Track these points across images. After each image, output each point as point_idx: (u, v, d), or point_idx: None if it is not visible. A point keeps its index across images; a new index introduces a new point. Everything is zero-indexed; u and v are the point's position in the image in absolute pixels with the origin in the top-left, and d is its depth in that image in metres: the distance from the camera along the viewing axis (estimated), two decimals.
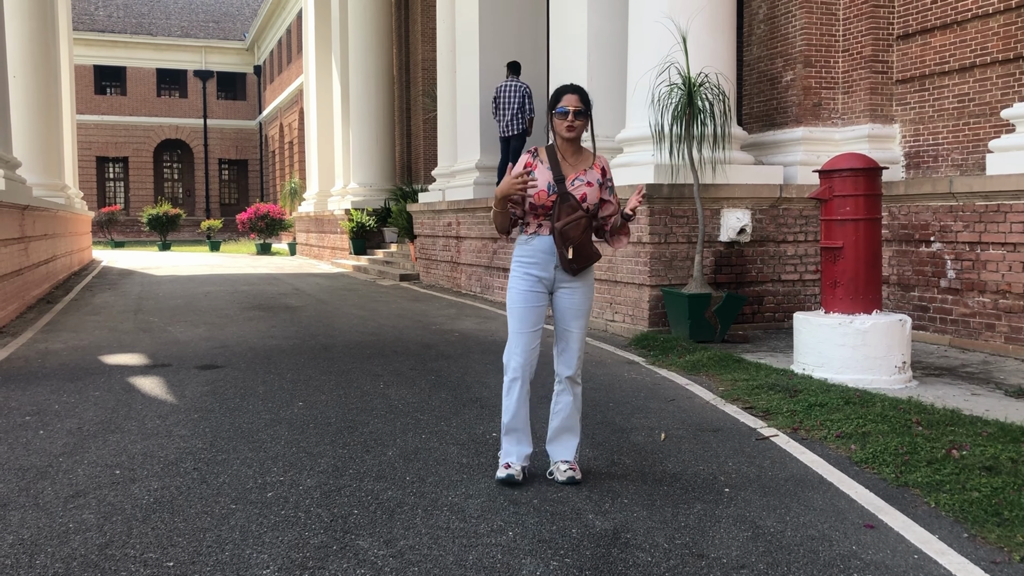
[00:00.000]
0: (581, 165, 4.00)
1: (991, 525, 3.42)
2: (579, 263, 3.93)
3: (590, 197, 3.94)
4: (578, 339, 4.04)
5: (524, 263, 4.00)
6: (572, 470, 4.02)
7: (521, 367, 3.99)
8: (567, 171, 3.96)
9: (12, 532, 3.44)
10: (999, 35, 7.95)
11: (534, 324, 3.99)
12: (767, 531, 3.45)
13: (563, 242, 3.89)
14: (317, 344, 8.39)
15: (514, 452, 4.06)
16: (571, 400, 4.08)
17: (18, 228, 11.31)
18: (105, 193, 46.84)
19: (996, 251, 7.42)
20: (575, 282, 4.00)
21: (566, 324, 4.03)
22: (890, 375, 6.06)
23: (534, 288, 3.98)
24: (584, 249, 3.92)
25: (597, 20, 10.15)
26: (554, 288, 4.02)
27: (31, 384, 6.46)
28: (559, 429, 4.10)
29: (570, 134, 3.94)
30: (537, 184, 3.91)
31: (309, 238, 27.42)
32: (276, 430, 5.03)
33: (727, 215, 8.65)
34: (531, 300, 3.99)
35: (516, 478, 3.97)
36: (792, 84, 9.46)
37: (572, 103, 3.92)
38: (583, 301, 4.03)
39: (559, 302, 4.03)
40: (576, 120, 3.92)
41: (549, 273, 3.98)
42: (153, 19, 47.32)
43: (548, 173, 3.94)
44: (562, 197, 3.89)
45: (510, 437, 4.07)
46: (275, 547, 3.28)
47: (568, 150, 4.01)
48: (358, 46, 21.87)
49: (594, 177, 3.99)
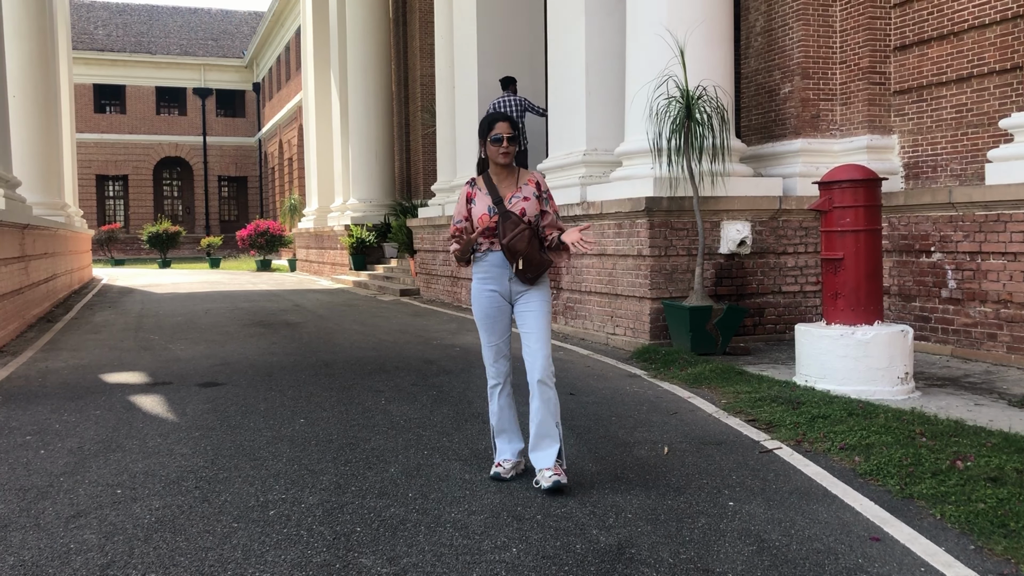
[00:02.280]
0: (515, 184, 4.31)
1: (998, 536, 3.40)
2: (532, 272, 4.20)
3: (529, 210, 4.24)
4: (539, 340, 4.20)
5: (481, 279, 4.31)
6: (556, 474, 4.09)
7: (498, 373, 4.34)
8: (504, 191, 4.28)
9: (13, 553, 3.42)
10: (996, 45, 7.97)
11: (501, 333, 4.31)
12: (772, 545, 3.43)
13: (512, 255, 4.18)
14: (318, 360, 8.38)
15: (507, 449, 4.36)
16: (542, 405, 4.18)
17: (18, 247, 11.31)
18: (105, 211, 46.91)
19: (997, 261, 7.41)
20: (530, 290, 4.27)
21: (527, 328, 4.25)
22: (893, 386, 6.04)
23: (494, 302, 4.29)
24: (532, 258, 4.19)
25: (595, 34, 10.18)
26: (512, 299, 4.30)
27: (31, 403, 6.45)
28: (536, 436, 4.21)
29: (505, 160, 4.25)
30: (474, 219, 4.26)
31: (309, 254, 27.43)
32: (278, 447, 5.01)
33: (727, 227, 8.65)
34: (493, 312, 4.29)
35: (504, 476, 4.28)
36: (790, 96, 9.48)
37: (505, 130, 4.21)
38: (539, 304, 4.25)
39: (518, 309, 4.29)
40: (510, 146, 4.23)
41: (505, 285, 4.28)
42: (152, 37, 47.52)
43: (487, 198, 4.27)
44: (503, 216, 4.19)
45: (501, 438, 4.38)
46: (278, 566, 3.26)
47: (503, 173, 4.31)
48: (357, 62, 21.95)
49: (530, 192, 4.29)
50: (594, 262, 9.50)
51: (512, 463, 4.33)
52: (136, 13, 49.35)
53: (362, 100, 21.97)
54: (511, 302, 4.32)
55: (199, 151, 47.60)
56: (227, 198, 49.50)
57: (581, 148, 10.28)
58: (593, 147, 10.24)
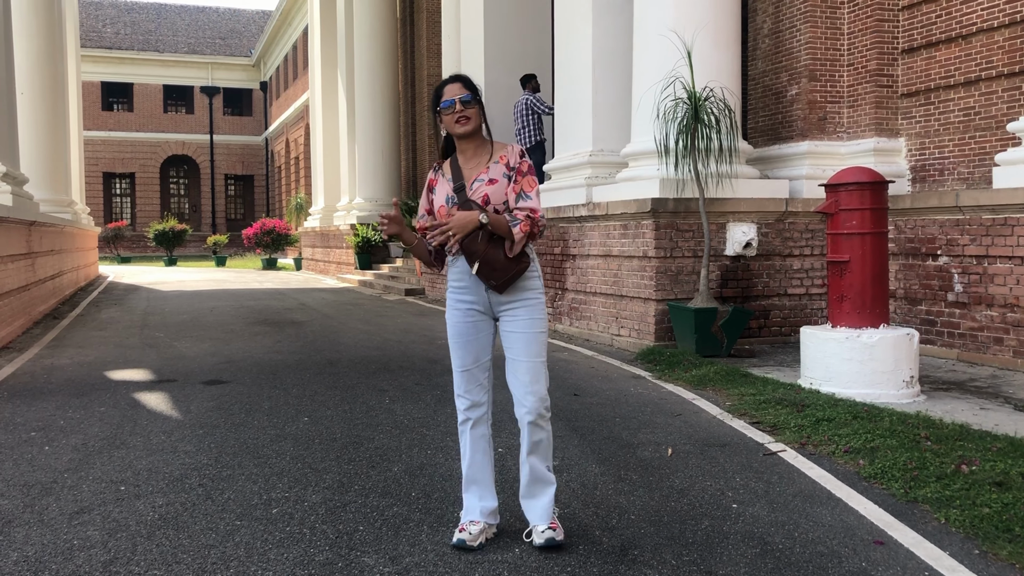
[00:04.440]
0: (482, 164, 3.41)
1: (1002, 541, 3.39)
2: (496, 278, 3.31)
3: (494, 197, 3.33)
4: (528, 370, 3.37)
5: (455, 289, 3.47)
6: (551, 529, 3.38)
7: (469, 406, 3.45)
8: (468, 174, 3.40)
9: (16, 549, 3.43)
10: (1004, 48, 7.95)
11: (476, 359, 3.44)
12: (776, 548, 3.42)
13: (468, 257, 3.32)
14: (323, 359, 8.39)
15: (476, 508, 3.47)
16: (532, 449, 3.41)
17: (25, 244, 11.34)
18: (112, 209, 47.05)
19: (1003, 264, 7.39)
20: (514, 303, 3.39)
21: (513, 354, 3.40)
22: (898, 389, 6.02)
23: (468, 318, 3.43)
24: (495, 261, 3.28)
25: (602, 35, 10.17)
26: (495, 313, 3.44)
27: (37, 400, 6.46)
28: (528, 483, 3.47)
29: (462, 127, 3.34)
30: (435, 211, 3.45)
31: (315, 253, 27.46)
32: (281, 446, 5.02)
33: (733, 229, 8.64)
34: (467, 332, 3.43)
35: (470, 543, 3.37)
36: (797, 98, 9.46)
37: (455, 92, 3.34)
38: (528, 324, 3.39)
39: (502, 328, 3.44)
40: (466, 108, 3.33)
41: (482, 296, 3.41)
42: (160, 36, 47.65)
43: (448, 185, 3.41)
44: (463, 207, 3.32)
45: (470, 491, 3.50)
46: (280, 564, 3.26)
47: (469, 150, 3.42)
48: (364, 62, 21.98)
49: (498, 172, 3.37)
50: (599, 263, 9.49)
51: (480, 527, 3.43)
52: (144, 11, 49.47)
53: (369, 99, 21.99)
54: (494, 317, 3.46)
55: (206, 149, 47.70)
56: (233, 196, 49.61)
57: (587, 149, 10.27)
58: (599, 148, 10.24)
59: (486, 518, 3.47)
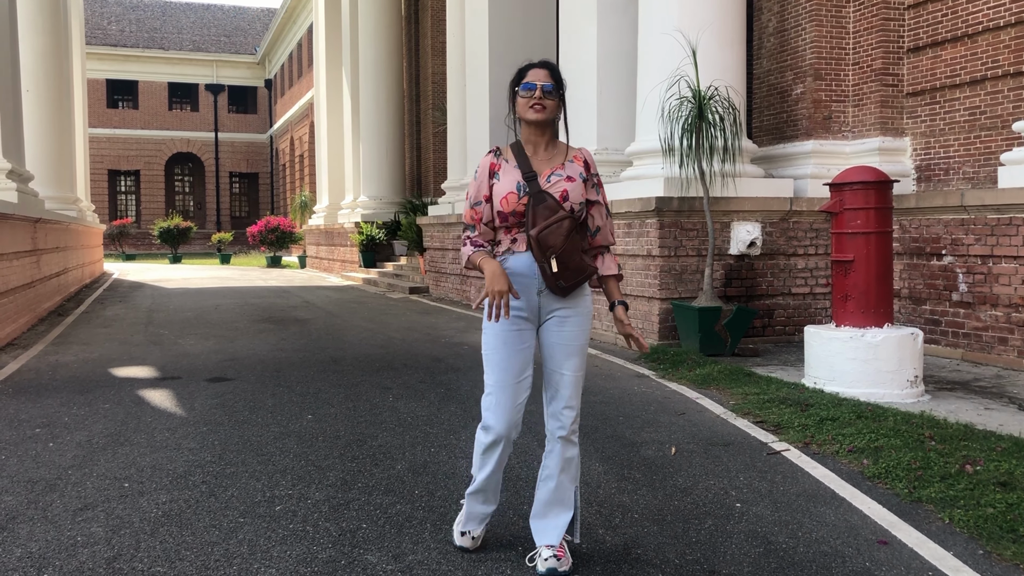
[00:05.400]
0: (557, 159, 3.19)
1: (1007, 542, 3.38)
2: (567, 279, 3.08)
3: (572, 195, 3.11)
4: (571, 383, 3.14)
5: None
6: (556, 557, 3.11)
7: (505, 428, 3.12)
8: (539, 166, 3.16)
9: (20, 545, 3.44)
10: (1010, 48, 7.92)
11: (519, 373, 3.12)
12: (779, 547, 3.41)
13: (542, 252, 3.05)
14: (327, 357, 8.39)
15: (478, 516, 3.34)
16: (560, 465, 3.17)
17: (30, 241, 11.37)
18: (117, 206, 47.15)
19: (1008, 264, 7.37)
20: (567, 309, 3.15)
21: (555, 364, 3.16)
22: (902, 389, 6.01)
23: (514, 325, 3.12)
24: (571, 259, 3.07)
25: (607, 34, 10.17)
26: (541, 319, 3.18)
27: (41, 396, 6.48)
28: (546, 503, 3.21)
29: (537, 114, 3.12)
30: (496, 199, 3.15)
31: (319, 251, 27.49)
32: (285, 443, 5.02)
33: (737, 228, 8.63)
34: (513, 342, 3.12)
35: (471, 548, 3.35)
36: (802, 97, 9.44)
37: (541, 77, 3.13)
38: (577, 334, 3.16)
39: (547, 336, 3.18)
40: (546, 98, 3.12)
41: (532, 301, 3.14)
42: (165, 33, 47.71)
43: (516, 172, 3.14)
44: (536, 198, 3.08)
45: (475, 497, 3.30)
46: (283, 561, 3.27)
47: (539, 140, 3.19)
48: (368, 60, 21.98)
49: (575, 171, 3.17)
50: None
51: (479, 531, 3.36)
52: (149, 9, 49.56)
53: (373, 97, 22.00)
54: (538, 325, 3.20)
55: (211, 147, 47.77)
56: (238, 194, 49.67)
57: (592, 147, 10.27)
58: (604, 147, 10.23)
59: (485, 523, 3.38)
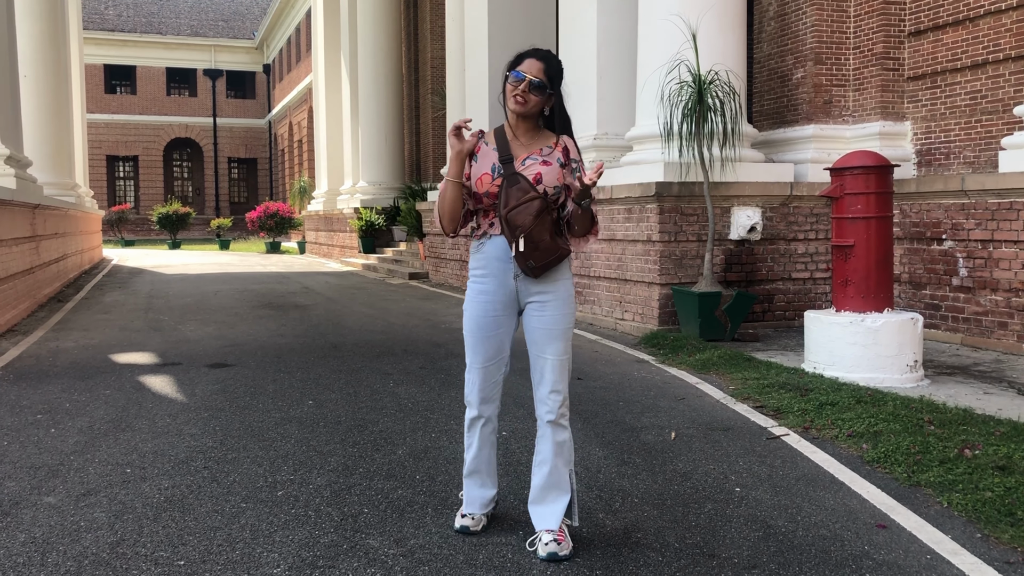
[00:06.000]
0: (536, 145, 3.24)
1: (1004, 525, 3.40)
2: (536, 259, 3.10)
3: (546, 178, 3.14)
4: (555, 368, 3.19)
5: (477, 278, 3.29)
6: (556, 541, 3.15)
7: (482, 403, 3.30)
8: (518, 151, 3.21)
9: (24, 530, 3.45)
10: (1012, 31, 7.89)
11: (494, 355, 3.26)
12: (778, 531, 3.43)
13: (511, 232, 3.08)
14: (327, 343, 8.40)
15: (477, 499, 3.42)
16: (553, 449, 3.22)
17: (29, 227, 11.36)
18: (115, 192, 47.05)
19: (1009, 249, 7.37)
20: (545, 293, 3.20)
21: (539, 349, 3.22)
22: (902, 374, 6.03)
23: (491, 311, 3.23)
24: (541, 240, 3.08)
25: (607, 18, 10.12)
26: (521, 305, 3.25)
27: (42, 382, 6.49)
28: (543, 487, 3.26)
29: (517, 107, 3.16)
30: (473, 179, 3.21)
31: (318, 237, 27.47)
32: (286, 429, 5.04)
33: (737, 213, 8.62)
34: (488, 327, 3.24)
35: (472, 528, 3.37)
36: (803, 81, 9.42)
37: (531, 70, 3.16)
38: (559, 318, 3.20)
39: (528, 321, 3.24)
40: (531, 92, 3.15)
41: (509, 285, 3.21)
42: (163, 18, 47.48)
43: (493, 155, 3.20)
44: (509, 179, 3.12)
45: (472, 479, 3.41)
46: (285, 546, 3.28)
47: (521, 128, 3.24)
48: (367, 44, 21.89)
49: (553, 156, 3.20)
50: (603, 247, 9.48)
51: (479, 516, 3.42)
52: None
53: (372, 82, 21.92)
54: (519, 308, 3.27)
55: (209, 132, 47.64)
56: (237, 180, 49.57)
57: (592, 132, 10.24)
58: (604, 131, 10.21)
59: (485, 507, 3.44)
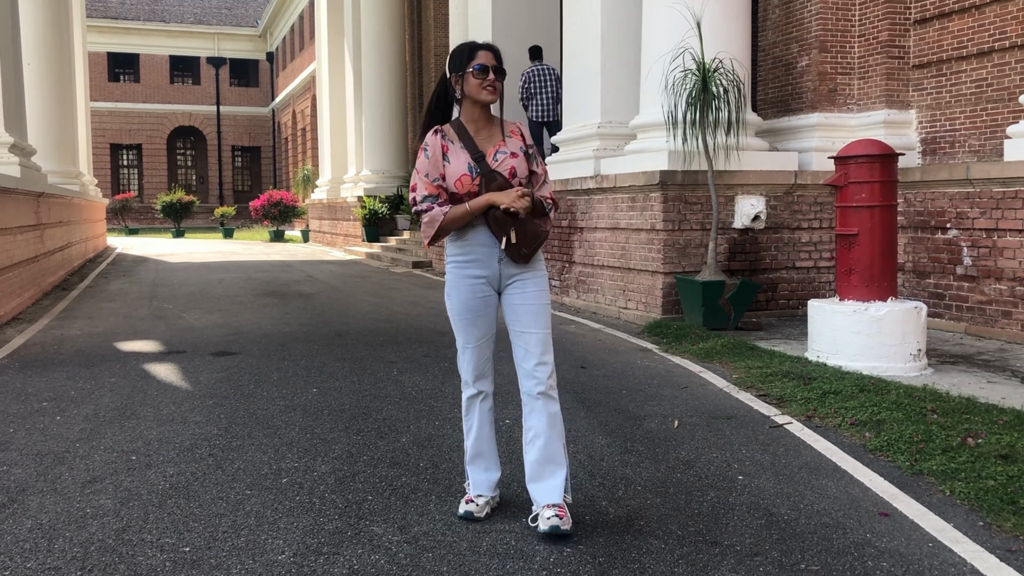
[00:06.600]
0: (496, 136, 3.39)
1: (1007, 513, 3.40)
2: (527, 246, 3.30)
3: (519, 170, 3.35)
4: (541, 341, 3.33)
5: (460, 264, 3.37)
6: (558, 516, 3.21)
7: (477, 379, 3.43)
8: (483, 145, 3.36)
9: (31, 517, 3.48)
10: (1018, 19, 7.85)
11: (484, 334, 3.40)
12: (781, 519, 3.44)
13: (499, 228, 3.27)
14: (331, 331, 8.42)
15: (484, 482, 3.49)
16: (547, 424, 3.32)
17: (33, 215, 11.37)
18: (119, 180, 47.04)
19: (1013, 238, 7.35)
20: (525, 272, 3.37)
21: (523, 326, 3.35)
22: (905, 362, 6.03)
23: (478, 293, 3.36)
24: (528, 229, 3.29)
25: (611, 6, 10.08)
26: (501, 286, 3.40)
27: (47, 370, 6.51)
28: (538, 462, 3.33)
29: (491, 96, 3.32)
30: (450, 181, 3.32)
31: (322, 225, 27.47)
32: (290, 416, 5.06)
33: (741, 202, 8.60)
34: (476, 308, 3.37)
35: (476, 515, 3.41)
36: (807, 70, 9.38)
37: (489, 60, 3.31)
38: (539, 294, 3.38)
39: (510, 300, 3.38)
40: (498, 80, 3.33)
41: (493, 269, 3.36)
42: (166, 6, 47.35)
43: (463, 153, 3.33)
44: (487, 177, 3.29)
45: (476, 465, 3.49)
46: (290, 532, 3.30)
47: (481, 119, 3.39)
48: (370, 32, 21.83)
49: (516, 146, 3.39)
50: (607, 236, 9.47)
51: (486, 499, 3.47)
52: None
53: (376, 70, 21.87)
54: (499, 291, 3.41)
55: (212, 121, 47.58)
56: (240, 168, 49.53)
57: (596, 120, 10.22)
58: (608, 119, 10.18)
59: (492, 491, 3.50)
